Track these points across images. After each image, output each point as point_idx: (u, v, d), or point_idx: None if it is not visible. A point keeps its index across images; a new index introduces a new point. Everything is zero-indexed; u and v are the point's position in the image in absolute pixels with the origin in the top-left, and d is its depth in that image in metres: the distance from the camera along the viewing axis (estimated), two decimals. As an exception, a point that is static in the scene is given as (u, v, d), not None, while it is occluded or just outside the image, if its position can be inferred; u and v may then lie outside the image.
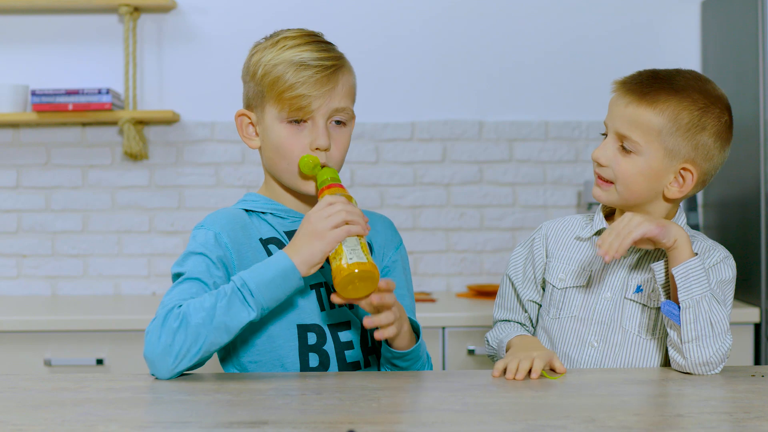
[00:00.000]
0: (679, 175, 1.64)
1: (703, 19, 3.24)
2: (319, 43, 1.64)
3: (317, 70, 1.58)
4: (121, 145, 3.23)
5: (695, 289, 1.56)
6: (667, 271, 1.61)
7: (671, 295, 1.61)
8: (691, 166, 1.63)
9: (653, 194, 1.66)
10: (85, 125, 3.24)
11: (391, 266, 1.73)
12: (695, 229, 2.59)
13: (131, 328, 2.69)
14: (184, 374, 1.55)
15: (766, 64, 2.71)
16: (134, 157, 3.19)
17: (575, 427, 1.22)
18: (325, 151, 1.61)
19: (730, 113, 1.66)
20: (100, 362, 2.67)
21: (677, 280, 1.57)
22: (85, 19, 3.25)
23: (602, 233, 1.64)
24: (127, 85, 3.20)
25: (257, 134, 1.67)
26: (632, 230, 1.56)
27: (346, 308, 1.65)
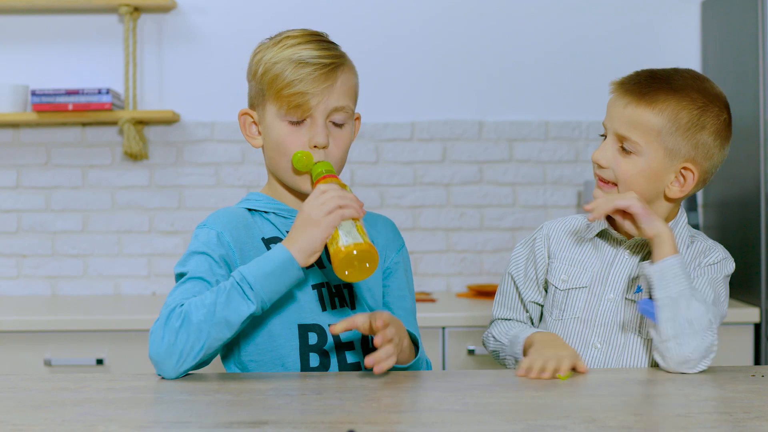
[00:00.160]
0: (679, 174, 1.65)
1: (703, 19, 3.24)
2: (320, 42, 1.64)
3: (316, 67, 1.59)
4: (121, 145, 3.23)
5: (672, 287, 1.57)
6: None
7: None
8: (691, 165, 1.64)
9: (654, 194, 1.66)
10: (85, 125, 3.24)
11: (393, 268, 1.73)
12: (695, 229, 2.58)
13: (131, 328, 2.69)
14: (187, 374, 1.55)
15: (766, 64, 2.71)
16: (134, 157, 3.19)
17: (575, 427, 1.22)
18: (323, 148, 1.61)
19: (728, 111, 1.66)
20: (100, 362, 2.67)
21: (653, 278, 1.58)
22: (85, 19, 3.25)
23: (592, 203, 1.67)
24: (127, 85, 3.20)
25: (259, 133, 1.67)
26: (621, 197, 1.61)
27: (347, 309, 1.65)
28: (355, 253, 1.47)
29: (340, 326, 1.50)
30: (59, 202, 3.25)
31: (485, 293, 3.06)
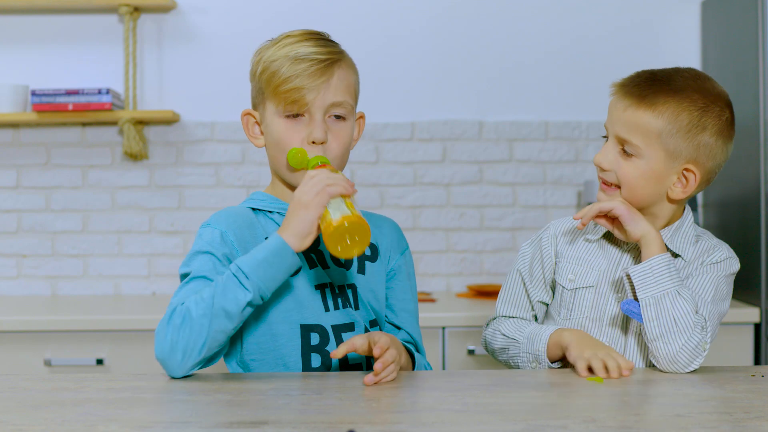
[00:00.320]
0: (682, 175, 1.64)
1: (703, 19, 3.24)
2: (318, 39, 1.65)
3: (312, 63, 1.59)
4: (121, 145, 3.23)
5: (656, 286, 1.57)
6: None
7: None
8: (693, 166, 1.63)
9: (657, 196, 1.66)
10: (85, 125, 3.24)
11: (396, 270, 1.74)
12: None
13: (131, 328, 2.69)
14: (192, 373, 1.55)
15: (766, 64, 2.71)
16: (134, 157, 3.19)
17: (575, 427, 1.22)
18: (321, 144, 1.61)
19: (731, 109, 1.66)
20: (100, 362, 2.67)
21: (633, 279, 1.59)
22: (85, 19, 3.25)
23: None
24: (127, 85, 3.20)
25: (262, 133, 1.68)
26: (606, 201, 1.64)
27: (351, 309, 1.65)
28: (346, 225, 1.48)
29: (340, 351, 1.50)
30: (59, 202, 3.25)
31: (485, 293, 3.06)
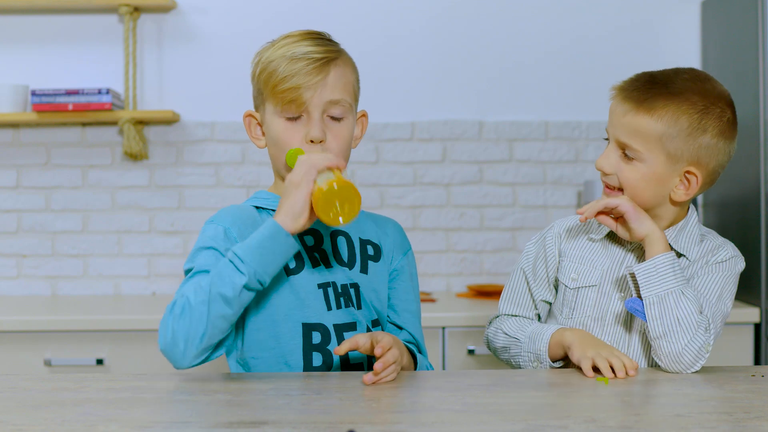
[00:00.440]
0: (684, 178, 1.64)
1: (703, 19, 3.24)
2: (316, 39, 1.65)
3: (308, 62, 1.60)
4: (121, 145, 3.23)
5: (661, 285, 1.58)
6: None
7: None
8: (695, 168, 1.63)
9: (660, 198, 1.66)
10: (85, 125, 3.24)
11: (399, 270, 1.74)
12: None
13: (131, 328, 2.69)
14: (186, 374, 1.55)
15: (766, 64, 2.71)
16: (134, 157, 3.19)
17: (575, 427, 1.22)
18: (320, 143, 1.61)
19: (732, 109, 1.65)
20: (100, 362, 2.67)
21: (638, 278, 1.59)
22: (85, 19, 3.25)
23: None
24: (127, 85, 3.20)
25: (263, 134, 1.69)
26: (612, 198, 1.63)
27: (353, 309, 1.66)
28: (335, 187, 1.49)
29: (343, 347, 1.51)
30: (59, 202, 3.25)
31: (485, 293, 3.06)
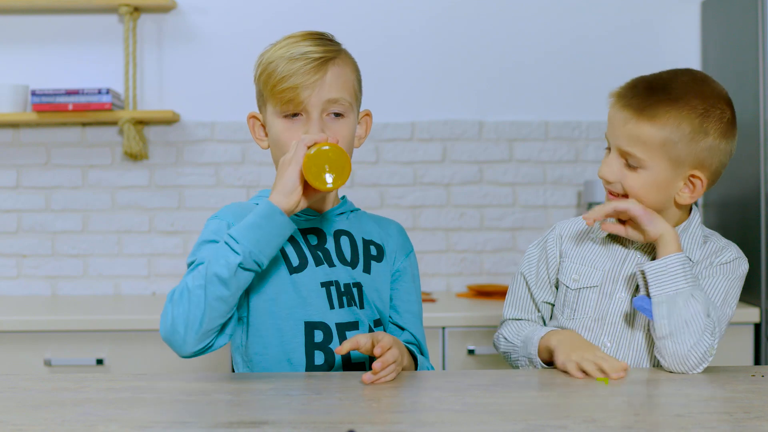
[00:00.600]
0: (688, 181, 1.65)
1: (703, 19, 3.24)
2: (315, 39, 1.65)
3: (306, 61, 1.61)
4: (121, 145, 3.23)
5: (669, 285, 1.58)
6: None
7: None
8: (699, 171, 1.63)
9: (665, 203, 1.66)
10: (85, 125, 3.24)
11: (401, 271, 1.76)
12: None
13: (131, 328, 2.69)
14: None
15: (766, 64, 2.71)
16: (134, 157, 3.19)
17: (575, 427, 1.22)
18: None
19: (731, 107, 1.65)
20: (100, 362, 2.67)
21: (648, 276, 1.59)
22: (85, 19, 3.25)
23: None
24: (127, 85, 3.20)
25: (266, 135, 1.69)
26: (620, 201, 1.62)
27: (356, 308, 1.66)
28: (324, 149, 1.51)
29: (344, 347, 1.51)
30: (59, 202, 3.25)
31: (485, 293, 3.06)
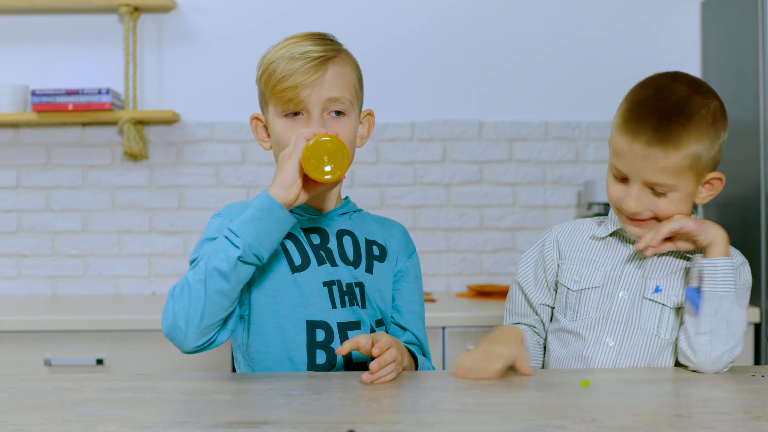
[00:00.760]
0: (708, 184, 1.67)
1: (703, 19, 3.24)
2: (316, 39, 1.66)
3: (306, 60, 1.61)
4: (121, 145, 3.23)
5: (720, 285, 1.59)
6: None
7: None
8: (717, 173, 1.66)
9: (689, 208, 1.68)
10: (85, 125, 3.24)
11: (403, 271, 1.75)
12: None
13: (131, 328, 2.69)
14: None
15: (766, 64, 2.71)
16: (134, 157, 3.19)
17: (575, 427, 1.22)
18: None
19: (717, 95, 1.66)
20: (100, 362, 2.67)
21: (705, 271, 1.60)
22: (85, 19, 3.25)
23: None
24: (127, 85, 3.20)
25: (268, 135, 1.70)
26: (670, 223, 1.61)
27: (357, 308, 1.66)
28: (323, 140, 1.51)
29: (345, 348, 1.51)
30: (59, 202, 3.25)
31: (485, 293, 3.06)
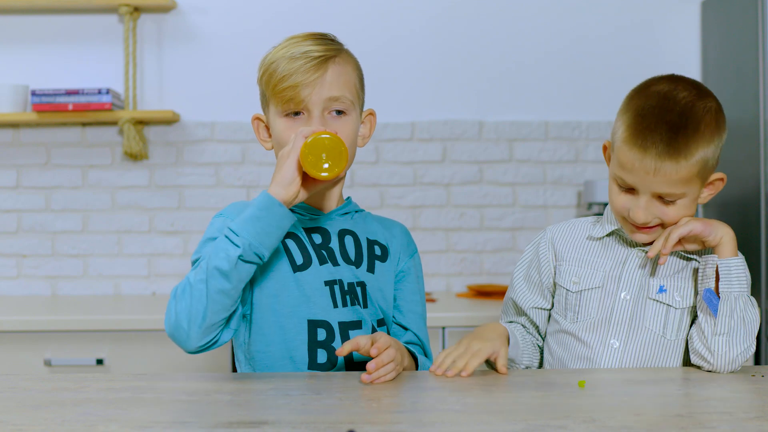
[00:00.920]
0: (711, 185, 1.68)
1: (703, 19, 3.24)
2: (317, 39, 1.66)
3: (306, 60, 1.61)
4: (121, 145, 3.23)
5: (735, 285, 1.60)
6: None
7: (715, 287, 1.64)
8: (719, 174, 1.67)
9: (695, 210, 1.68)
10: (85, 125, 3.24)
11: (405, 271, 1.76)
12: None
13: (131, 328, 2.69)
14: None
15: (766, 64, 2.71)
16: (134, 157, 3.19)
17: (575, 427, 1.22)
18: None
19: (715, 97, 1.67)
20: (100, 362, 2.67)
21: (720, 271, 1.61)
22: (85, 19, 3.25)
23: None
24: (127, 85, 3.20)
25: (270, 136, 1.70)
26: (678, 228, 1.61)
27: (359, 307, 1.67)
28: (321, 137, 1.52)
29: (345, 348, 1.51)
30: (59, 202, 3.25)
31: (485, 293, 3.06)
